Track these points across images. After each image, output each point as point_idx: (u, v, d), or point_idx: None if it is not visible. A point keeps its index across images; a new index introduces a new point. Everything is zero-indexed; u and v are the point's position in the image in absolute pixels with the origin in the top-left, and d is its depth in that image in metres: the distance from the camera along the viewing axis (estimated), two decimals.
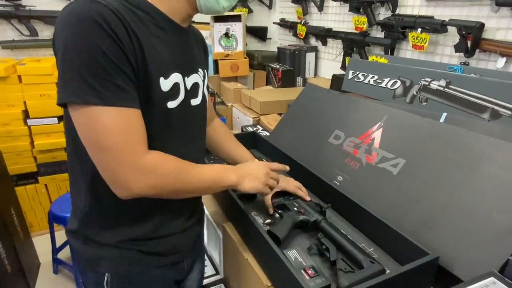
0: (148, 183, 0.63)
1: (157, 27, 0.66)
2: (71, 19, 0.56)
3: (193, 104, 0.76)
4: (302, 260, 0.77)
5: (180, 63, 0.70)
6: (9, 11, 2.20)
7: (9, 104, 2.09)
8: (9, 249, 1.65)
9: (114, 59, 0.57)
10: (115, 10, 0.58)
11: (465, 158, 0.79)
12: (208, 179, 0.73)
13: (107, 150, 0.60)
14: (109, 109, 0.58)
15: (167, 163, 0.67)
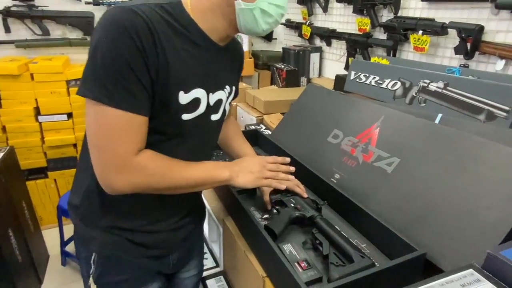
0: (131, 182, 0.67)
1: (192, 42, 0.70)
2: (108, 23, 0.61)
3: (212, 119, 0.80)
4: (296, 253, 0.81)
5: (207, 80, 0.73)
6: (23, 12, 2.27)
7: (21, 101, 2.17)
8: (20, 241, 1.72)
9: (135, 68, 0.61)
10: (149, 22, 0.62)
11: (455, 157, 0.82)
12: (197, 177, 0.75)
13: (103, 147, 0.65)
14: (116, 111, 0.62)
15: (155, 163, 0.69)
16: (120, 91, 0.61)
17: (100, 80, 0.61)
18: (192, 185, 0.76)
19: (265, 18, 0.71)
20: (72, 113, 2.27)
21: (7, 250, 1.54)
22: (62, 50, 2.43)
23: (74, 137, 2.31)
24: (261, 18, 0.71)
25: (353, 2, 1.89)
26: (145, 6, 0.64)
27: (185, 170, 0.74)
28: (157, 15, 0.64)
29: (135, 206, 0.77)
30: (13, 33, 2.31)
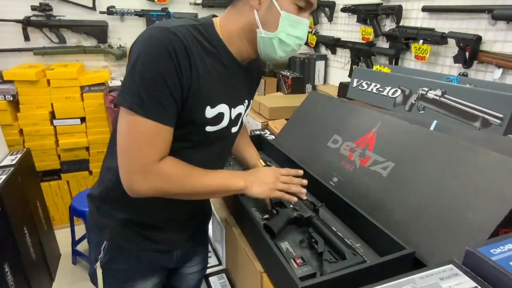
0: (152, 186, 0.73)
1: (221, 63, 0.76)
2: (150, 40, 0.67)
3: (232, 131, 0.87)
4: (292, 251, 0.85)
5: (230, 96, 0.80)
6: (42, 21, 2.39)
7: (38, 105, 2.28)
8: (34, 239, 1.79)
9: (170, 85, 0.67)
10: (186, 44, 0.68)
11: (446, 162, 0.86)
12: (214, 185, 0.80)
13: (131, 152, 0.71)
14: (147, 121, 0.68)
15: (176, 170, 0.75)
16: (153, 103, 0.67)
17: (137, 92, 0.67)
18: (209, 192, 0.82)
19: (283, 47, 0.77)
20: (85, 118, 2.37)
21: (23, 247, 1.62)
22: (77, 57, 2.55)
23: (86, 141, 2.41)
24: (279, 47, 0.76)
25: (357, 12, 1.94)
26: (182, 27, 0.70)
27: (203, 177, 0.79)
28: (192, 36, 0.71)
29: (149, 205, 0.83)
30: (32, 41, 2.44)
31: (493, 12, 1.23)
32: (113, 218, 0.85)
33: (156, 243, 0.88)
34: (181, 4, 2.71)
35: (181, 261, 0.99)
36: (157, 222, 0.86)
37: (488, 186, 0.76)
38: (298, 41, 0.78)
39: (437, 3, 1.52)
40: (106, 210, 0.86)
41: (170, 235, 0.89)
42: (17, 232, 1.59)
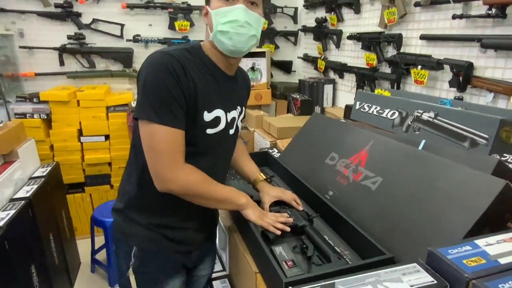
0: (178, 184, 0.88)
1: (210, 74, 0.92)
2: (153, 63, 0.84)
3: (230, 133, 1.01)
4: (285, 254, 0.94)
5: (224, 102, 0.95)
6: (75, 48, 2.66)
7: (68, 123, 2.50)
8: (58, 246, 1.94)
9: (174, 94, 0.83)
10: (181, 61, 0.85)
11: (426, 177, 0.94)
12: (223, 194, 0.97)
13: (157, 154, 0.86)
14: (163, 127, 0.83)
15: (195, 174, 0.90)
16: (165, 112, 0.83)
17: (151, 106, 0.83)
18: (218, 199, 0.96)
19: (227, 36, 0.88)
20: (109, 135, 2.57)
21: (48, 252, 1.77)
22: (104, 80, 2.79)
23: (109, 156, 2.60)
24: (224, 38, 0.88)
25: (362, 39, 2.07)
26: (176, 50, 0.87)
27: (215, 185, 0.95)
28: (185, 56, 0.87)
29: (168, 207, 0.97)
30: (66, 66, 2.70)
31: (481, 41, 1.33)
32: (139, 224, 0.98)
33: (178, 244, 1.01)
34: (201, 32, 2.94)
35: (197, 262, 1.12)
36: (177, 223, 0.99)
37: (461, 197, 0.84)
38: (234, 24, 0.86)
39: (433, 32, 1.63)
40: (132, 218, 0.99)
41: (190, 234, 1.02)
42: (43, 237, 1.74)
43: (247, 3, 0.88)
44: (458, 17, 1.43)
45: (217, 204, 1.00)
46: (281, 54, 3.17)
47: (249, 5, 0.89)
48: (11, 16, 2.53)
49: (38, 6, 2.55)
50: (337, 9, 2.37)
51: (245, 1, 0.88)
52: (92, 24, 2.68)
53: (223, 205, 1.02)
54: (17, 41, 2.58)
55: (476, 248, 0.66)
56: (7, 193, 1.59)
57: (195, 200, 0.93)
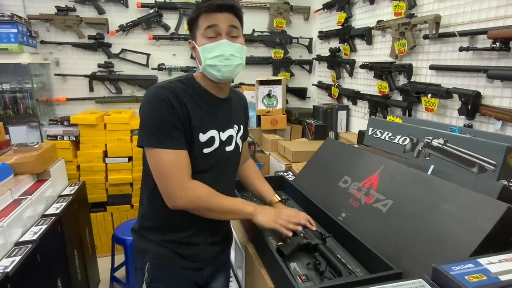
0: (187, 200, 0.97)
1: (203, 101, 1.03)
2: (150, 97, 0.97)
3: (227, 150, 1.09)
4: (299, 270, 1.00)
5: (217, 123, 1.05)
6: (104, 75, 2.87)
7: (94, 145, 2.66)
8: (81, 262, 2.03)
9: (171, 120, 0.94)
10: (175, 92, 0.97)
11: (433, 199, 0.99)
12: (230, 205, 1.04)
13: (164, 175, 0.96)
14: (167, 151, 0.94)
15: (202, 189, 0.99)
16: (166, 137, 0.94)
17: (154, 133, 0.94)
18: (226, 211, 1.03)
19: (216, 68, 0.99)
20: (132, 157, 2.71)
21: (72, 267, 1.86)
22: (130, 105, 2.97)
23: (131, 177, 2.72)
24: (213, 70, 1.00)
25: (374, 68, 2.17)
26: (170, 83, 0.99)
27: (222, 198, 1.03)
28: (178, 87, 0.99)
29: (178, 224, 1.05)
30: (95, 92, 2.91)
31: (488, 72, 1.40)
32: (152, 242, 1.07)
33: (190, 261, 1.08)
34: None
35: (209, 278, 1.17)
36: (188, 239, 1.06)
37: (466, 219, 0.89)
38: (220, 58, 0.97)
39: (442, 62, 1.71)
40: (146, 236, 1.08)
41: (201, 251, 1.09)
42: (69, 253, 1.84)
43: (229, 37, 0.99)
44: (465, 49, 1.52)
45: (227, 215, 1.07)
46: (296, 82, 3.30)
47: (231, 38, 0.99)
48: (49, 47, 2.78)
49: (73, 38, 2.79)
50: (350, 40, 2.49)
51: (227, 35, 0.98)
52: (121, 54, 2.90)
53: (232, 215, 1.09)
54: (53, 69, 2.82)
55: (478, 266, 0.70)
56: (39, 209, 1.71)
57: (206, 213, 1.01)
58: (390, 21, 2.02)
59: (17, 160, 1.72)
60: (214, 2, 0.95)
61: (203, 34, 0.98)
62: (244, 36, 1.06)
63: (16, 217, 1.46)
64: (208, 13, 0.96)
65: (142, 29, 2.89)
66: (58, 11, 2.69)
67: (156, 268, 1.08)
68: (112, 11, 2.84)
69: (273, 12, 3.07)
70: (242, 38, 1.03)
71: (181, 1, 2.89)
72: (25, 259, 1.32)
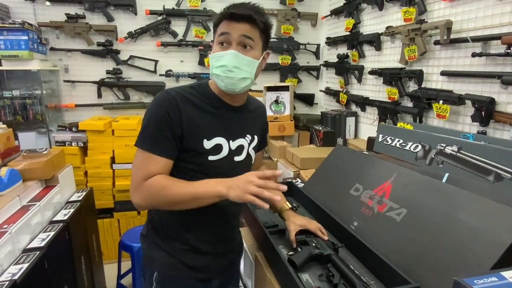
0: (140, 196, 0.95)
1: (211, 106, 1.01)
2: (153, 100, 0.98)
3: (236, 160, 1.06)
4: (312, 282, 0.98)
5: (226, 131, 1.02)
6: (113, 82, 2.88)
7: (102, 151, 2.66)
8: (88, 269, 2.02)
9: (161, 125, 0.94)
10: (177, 97, 0.96)
11: (449, 209, 0.96)
12: (192, 191, 0.92)
13: (132, 173, 0.97)
14: (141, 151, 0.95)
15: (155, 183, 0.93)
16: (149, 139, 0.94)
17: (141, 135, 0.96)
18: (188, 198, 0.92)
19: (220, 78, 0.97)
20: None
21: (79, 274, 1.84)
22: (137, 111, 2.98)
23: None
24: (217, 80, 0.98)
25: (383, 75, 2.15)
26: (178, 88, 0.99)
27: (181, 185, 0.93)
28: (185, 92, 0.98)
29: (186, 229, 1.04)
30: (103, 98, 2.92)
31: (502, 78, 1.37)
32: (161, 250, 1.05)
33: (198, 271, 1.06)
34: None
35: None
36: (196, 246, 1.04)
37: (485, 230, 0.86)
38: (224, 69, 0.94)
39: (453, 68, 1.68)
40: (155, 243, 1.07)
41: (209, 261, 1.06)
42: (76, 259, 1.83)
43: (240, 47, 0.94)
44: (477, 55, 1.49)
45: (193, 202, 0.93)
46: (303, 88, 3.29)
47: (242, 49, 0.95)
48: (58, 54, 2.80)
49: (83, 45, 2.82)
50: (358, 46, 2.48)
51: (238, 46, 0.94)
52: (129, 60, 2.91)
53: (200, 201, 0.93)
54: (62, 75, 2.85)
55: (502, 280, 0.67)
56: (47, 215, 1.71)
57: (169, 207, 0.96)
58: (399, 27, 2.00)
59: (26, 166, 1.73)
60: (230, 10, 0.93)
61: (216, 40, 0.98)
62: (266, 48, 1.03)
63: (25, 224, 1.45)
64: (227, 20, 0.94)
65: (151, 36, 2.91)
66: (68, 19, 2.72)
67: (165, 278, 1.06)
68: (121, 18, 2.87)
69: (281, 19, 3.07)
70: (257, 51, 0.97)
71: (189, 8, 2.91)
72: (33, 266, 1.30)
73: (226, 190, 0.89)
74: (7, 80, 2.61)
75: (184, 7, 2.91)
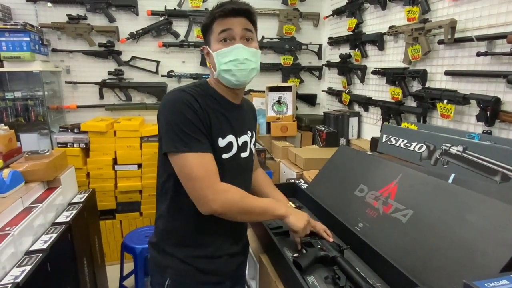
0: (220, 203, 0.93)
1: (220, 105, 1.01)
2: (170, 103, 0.94)
3: (242, 156, 1.07)
4: (317, 284, 0.96)
5: (234, 128, 1.03)
6: (114, 83, 2.88)
7: (104, 152, 2.65)
8: (90, 271, 2.01)
9: (195, 123, 0.92)
10: (195, 95, 0.95)
11: (457, 210, 0.95)
12: (263, 206, 1.01)
13: (193, 179, 0.92)
14: (194, 154, 0.91)
15: (235, 191, 0.97)
16: (192, 140, 0.91)
17: (178, 138, 0.91)
18: (258, 212, 1.00)
19: (230, 73, 0.98)
20: (141, 164, 2.70)
21: (81, 276, 1.83)
22: (139, 112, 2.97)
23: (140, 184, 2.71)
24: (228, 75, 0.98)
25: (386, 74, 2.14)
26: (187, 87, 0.98)
27: (254, 199, 1.01)
28: (195, 90, 0.97)
29: (199, 235, 1.02)
30: (105, 99, 2.92)
31: (507, 77, 1.36)
32: (173, 257, 1.03)
33: (212, 275, 1.05)
34: None
35: None
36: (211, 251, 1.03)
37: (494, 231, 0.84)
38: (235, 63, 0.96)
39: (458, 68, 1.67)
40: (167, 251, 1.04)
41: (223, 263, 1.06)
42: (79, 261, 1.82)
43: (243, 41, 0.98)
44: (482, 54, 1.48)
45: (259, 216, 1.04)
46: (306, 88, 3.27)
47: (245, 42, 0.98)
48: (60, 55, 2.80)
49: (84, 46, 2.81)
50: (361, 46, 2.47)
51: (241, 39, 0.97)
52: (131, 61, 2.91)
53: (264, 216, 1.05)
54: (63, 76, 2.84)
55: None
56: (49, 217, 1.70)
57: (237, 216, 0.98)
58: (403, 27, 1.99)
59: (28, 168, 1.72)
60: (228, 7, 0.94)
61: (217, 38, 0.97)
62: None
63: (27, 226, 1.44)
64: (222, 18, 0.95)
65: (152, 36, 2.90)
66: (69, 20, 2.72)
67: (177, 284, 1.04)
68: (123, 19, 2.86)
69: (283, 19, 3.07)
70: (256, 42, 1.02)
71: (191, 8, 2.90)
72: (36, 268, 1.29)
73: (289, 214, 1.03)
74: (9, 81, 2.61)
75: (185, 7, 2.90)
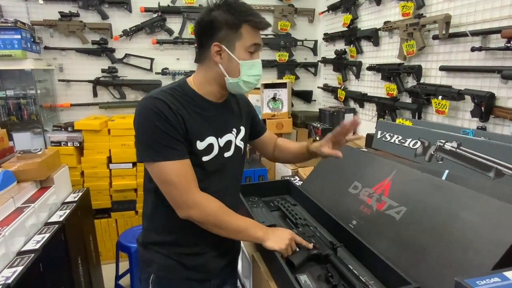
0: (197, 213, 0.93)
1: (197, 106, 0.98)
2: (141, 110, 0.92)
3: (225, 156, 1.05)
4: (310, 283, 0.96)
5: (215, 129, 1.00)
6: (108, 81, 2.85)
7: (98, 151, 2.63)
8: (85, 270, 2.00)
9: (168, 131, 0.89)
10: (168, 102, 0.91)
11: (450, 206, 0.94)
12: (240, 225, 0.98)
13: (171, 186, 0.92)
14: (169, 163, 0.90)
15: (213, 204, 0.95)
16: (165, 149, 0.90)
17: (150, 147, 0.90)
18: (234, 230, 0.98)
19: (247, 85, 0.98)
20: (136, 162, 2.68)
21: (76, 276, 1.82)
22: (133, 110, 2.92)
23: (135, 183, 2.69)
24: (244, 86, 0.98)
25: (381, 70, 2.13)
26: (162, 92, 0.93)
27: (233, 216, 0.98)
28: (171, 95, 0.93)
29: (184, 233, 1.01)
30: (99, 97, 2.89)
31: (502, 73, 1.35)
32: (158, 253, 1.03)
33: (197, 271, 1.04)
34: None
35: None
36: (195, 249, 1.02)
37: (487, 229, 0.84)
38: (257, 77, 0.99)
39: (452, 63, 1.66)
40: (151, 247, 1.05)
41: (208, 261, 1.05)
42: (73, 261, 1.80)
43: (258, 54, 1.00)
44: (477, 49, 1.47)
45: (234, 234, 1.00)
46: (301, 84, 3.26)
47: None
48: (53, 53, 2.77)
49: (77, 43, 2.78)
50: (356, 41, 2.45)
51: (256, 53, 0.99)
52: (124, 59, 2.88)
53: (240, 236, 1.02)
54: (56, 74, 2.81)
55: (505, 280, 0.66)
56: (42, 217, 1.68)
57: (212, 229, 0.97)
58: (397, 22, 1.97)
59: (20, 167, 1.70)
60: (262, 20, 0.95)
61: (247, 48, 0.95)
62: None
63: (19, 226, 1.42)
64: (254, 29, 0.95)
65: (146, 33, 2.87)
66: (61, 17, 2.68)
67: (161, 280, 1.04)
68: (116, 16, 2.83)
69: (278, 15, 3.04)
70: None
71: (185, 5, 2.87)
72: (28, 269, 1.28)
73: (266, 238, 0.99)
74: (1, 80, 2.58)
75: (179, 4, 2.87)
